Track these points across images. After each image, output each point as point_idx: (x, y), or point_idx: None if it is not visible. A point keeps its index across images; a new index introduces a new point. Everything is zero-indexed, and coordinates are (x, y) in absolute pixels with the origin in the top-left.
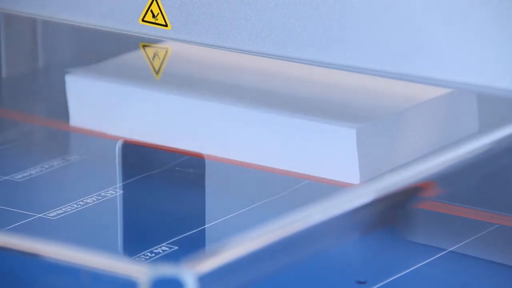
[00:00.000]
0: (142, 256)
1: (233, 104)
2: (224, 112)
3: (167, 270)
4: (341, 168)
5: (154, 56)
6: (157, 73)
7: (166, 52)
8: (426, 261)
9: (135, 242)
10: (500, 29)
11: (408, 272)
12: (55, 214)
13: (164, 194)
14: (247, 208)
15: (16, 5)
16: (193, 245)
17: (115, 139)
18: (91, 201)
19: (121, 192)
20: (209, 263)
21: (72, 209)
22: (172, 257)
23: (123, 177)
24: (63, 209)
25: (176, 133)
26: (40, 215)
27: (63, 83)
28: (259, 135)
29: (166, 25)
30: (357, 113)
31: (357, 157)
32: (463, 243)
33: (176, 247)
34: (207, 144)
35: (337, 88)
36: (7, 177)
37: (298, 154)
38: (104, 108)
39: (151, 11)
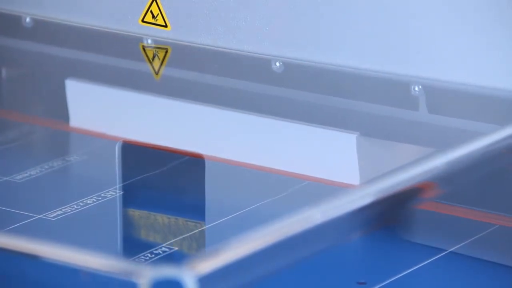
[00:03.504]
0: (142, 257)
1: (233, 108)
2: (225, 116)
3: (167, 271)
4: (342, 172)
5: (154, 57)
6: (156, 74)
7: (166, 52)
8: (426, 262)
9: (135, 243)
10: (500, 29)
11: (408, 272)
12: (55, 215)
13: (164, 194)
14: (247, 209)
15: (16, 5)
16: (193, 245)
17: (115, 139)
18: (91, 201)
19: (121, 192)
20: (209, 264)
21: (72, 210)
22: (172, 258)
23: (123, 177)
24: (63, 210)
25: (176, 136)
26: (40, 216)
27: (63, 84)
28: (260, 140)
29: (166, 26)
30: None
31: (358, 161)
32: (463, 243)
33: (176, 248)
34: (208, 148)
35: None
36: (7, 178)
37: (299, 158)
38: (104, 110)
39: (151, 11)
